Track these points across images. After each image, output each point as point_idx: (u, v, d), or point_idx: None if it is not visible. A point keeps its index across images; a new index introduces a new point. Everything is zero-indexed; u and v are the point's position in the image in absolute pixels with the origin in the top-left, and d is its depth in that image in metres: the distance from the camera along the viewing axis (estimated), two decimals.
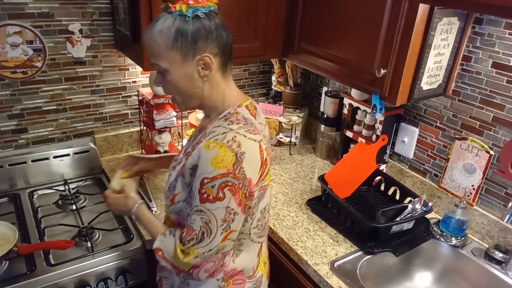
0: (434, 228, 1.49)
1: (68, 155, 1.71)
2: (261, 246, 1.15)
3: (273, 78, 2.16)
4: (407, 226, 1.44)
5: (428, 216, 1.53)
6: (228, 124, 0.97)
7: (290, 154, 2.04)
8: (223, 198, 0.92)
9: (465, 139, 1.47)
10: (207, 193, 0.92)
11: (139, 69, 1.83)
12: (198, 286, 1.07)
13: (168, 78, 0.97)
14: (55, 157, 1.68)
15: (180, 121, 1.86)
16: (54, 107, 1.70)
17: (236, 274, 1.09)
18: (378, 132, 1.69)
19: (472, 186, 1.47)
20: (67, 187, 1.65)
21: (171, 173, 1.06)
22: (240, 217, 0.97)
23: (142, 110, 1.85)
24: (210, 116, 1.05)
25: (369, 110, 1.71)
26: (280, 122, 2.05)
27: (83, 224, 1.45)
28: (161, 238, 1.03)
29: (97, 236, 1.42)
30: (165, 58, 0.94)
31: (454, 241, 1.43)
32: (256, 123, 1.03)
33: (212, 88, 1.00)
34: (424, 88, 1.35)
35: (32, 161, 1.65)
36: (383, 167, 1.76)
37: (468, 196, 1.49)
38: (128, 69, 1.80)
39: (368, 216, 1.49)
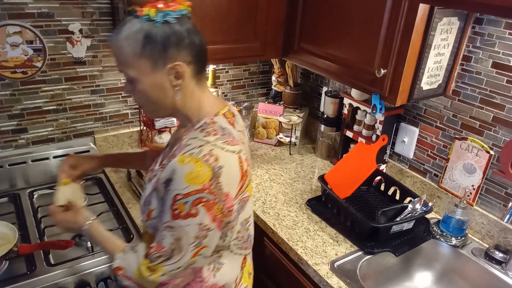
0: (434, 228, 1.49)
1: (68, 155, 1.70)
2: (245, 257, 1.11)
3: (273, 78, 2.16)
4: (407, 226, 1.44)
5: (428, 216, 1.53)
6: (205, 136, 0.91)
7: (290, 154, 2.04)
8: (195, 214, 0.86)
9: (465, 139, 1.47)
10: (179, 210, 0.86)
11: None
12: None
13: (137, 87, 0.90)
14: (55, 157, 1.68)
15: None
16: (54, 107, 1.70)
17: None
18: (378, 132, 1.69)
19: (472, 186, 1.47)
20: None
21: (147, 186, 0.99)
22: (215, 233, 0.91)
23: (142, 110, 1.85)
24: (186, 126, 0.98)
25: (369, 110, 1.71)
26: (280, 122, 2.05)
27: None
28: (120, 255, 0.97)
29: None
30: (133, 66, 0.88)
31: (454, 241, 1.43)
32: (235, 132, 0.97)
33: (186, 97, 0.94)
34: (424, 88, 1.35)
35: (32, 161, 1.65)
36: (383, 167, 1.76)
37: (468, 196, 1.49)
38: None
39: (368, 216, 1.49)
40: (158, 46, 0.85)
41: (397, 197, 1.58)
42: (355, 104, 1.77)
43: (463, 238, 1.44)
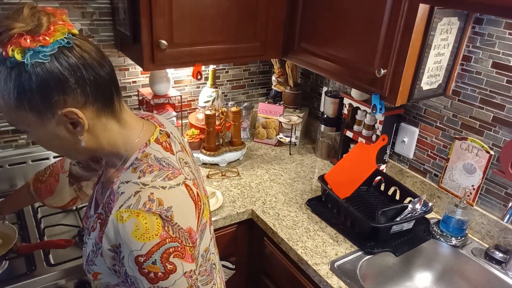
0: (434, 228, 1.49)
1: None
2: None
3: (273, 78, 2.16)
4: (407, 226, 1.44)
5: (428, 216, 1.53)
6: (140, 177, 0.77)
7: (290, 154, 2.04)
8: (174, 269, 0.74)
9: (465, 139, 1.47)
10: (152, 272, 0.72)
11: (139, 69, 1.83)
12: None
13: (35, 138, 0.77)
14: (55, 157, 1.68)
15: (180, 121, 1.86)
16: None
17: None
18: (378, 132, 1.69)
19: (472, 186, 1.47)
20: None
21: (87, 241, 0.84)
22: (196, 270, 0.83)
23: (142, 110, 1.85)
24: (115, 165, 0.84)
25: (369, 110, 1.71)
26: (280, 122, 2.05)
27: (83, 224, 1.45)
28: None
29: None
30: (16, 121, 0.73)
31: (454, 241, 1.43)
32: (174, 158, 0.84)
33: (100, 137, 0.79)
34: (424, 88, 1.35)
35: (32, 161, 1.65)
36: (383, 167, 1.76)
37: (468, 196, 1.49)
38: (128, 69, 1.80)
39: (368, 216, 1.49)
40: (36, 95, 0.68)
41: (397, 197, 1.58)
42: (355, 104, 1.77)
43: (463, 238, 1.44)
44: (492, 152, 1.40)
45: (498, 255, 1.36)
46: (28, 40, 0.66)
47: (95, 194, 0.93)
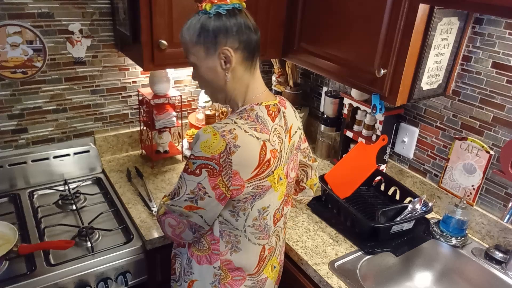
0: (434, 228, 1.49)
1: (68, 155, 1.71)
2: (266, 249, 1.14)
3: (273, 78, 2.16)
4: (407, 226, 1.44)
5: (428, 216, 1.53)
6: (236, 118, 1.01)
7: None
8: (198, 174, 0.98)
9: (465, 139, 1.47)
10: (188, 166, 0.99)
11: (139, 69, 1.83)
12: (198, 268, 1.13)
13: (198, 72, 1.06)
14: (55, 157, 1.68)
15: (180, 121, 1.86)
16: (54, 107, 1.70)
17: (235, 270, 1.11)
18: (378, 132, 1.69)
19: (472, 186, 1.47)
20: (67, 187, 1.65)
21: None
22: (213, 201, 1.00)
23: (142, 110, 1.85)
24: (233, 110, 1.10)
25: (369, 110, 1.71)
26: None
27: (83, 224, 1.45)
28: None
29: (97, 236, 1.42)
30: (192, 53, 1.03)
31: (454, 241, 1.43)
32: (271, 124, 1.04)
33: (236, 81, 1.04)
34: (424, 88, 1.35)
35: (32, 161, 1.65)
36: (383, 167, 1.76)
37: (468, 196, 1.49)
38: (128, 69, 1.80)
39: (368, 216, 1.49)
40: (210, 34, 0.98)
41: (397, 197, 1.58)
42: (355, 104, 1.77)
43: (463, 238, 1.44)
44: (492, 152, 1.40)
45: (498, 255, 1.36)
46: (216, 0, 0.98)
47: None
